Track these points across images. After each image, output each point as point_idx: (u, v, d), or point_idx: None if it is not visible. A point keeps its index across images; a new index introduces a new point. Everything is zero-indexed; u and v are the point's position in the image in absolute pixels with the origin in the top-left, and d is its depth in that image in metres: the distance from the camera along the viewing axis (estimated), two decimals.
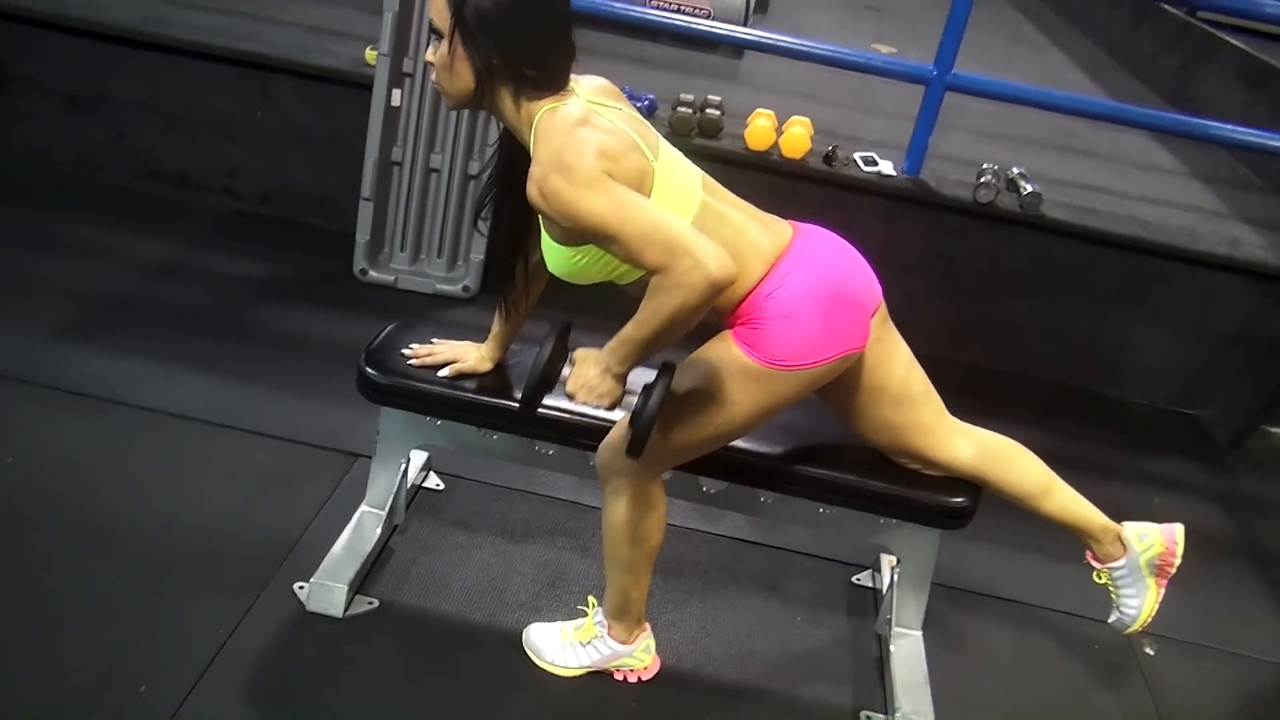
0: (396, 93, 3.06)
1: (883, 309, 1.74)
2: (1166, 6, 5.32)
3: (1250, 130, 3.28)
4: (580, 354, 1.59)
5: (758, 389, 1.62)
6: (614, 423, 1.80)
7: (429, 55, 1.56)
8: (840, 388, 1.74)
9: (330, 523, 2.17)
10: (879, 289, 1.72)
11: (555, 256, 1.61)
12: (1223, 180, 3.91)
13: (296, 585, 2.02)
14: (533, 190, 1.47)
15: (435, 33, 1.53)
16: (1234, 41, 4.62)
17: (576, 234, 1.51)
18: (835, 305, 1.61)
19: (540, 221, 1.61)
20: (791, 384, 1.62)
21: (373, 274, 3.17)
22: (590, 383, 1.56)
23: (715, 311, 1.66)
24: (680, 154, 1.64)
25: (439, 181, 3.16)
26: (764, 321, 1.59)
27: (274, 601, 1.99)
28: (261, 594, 2.00)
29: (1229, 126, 3.32)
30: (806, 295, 1.59)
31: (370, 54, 3.23)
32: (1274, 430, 3.33)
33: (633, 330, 1.51)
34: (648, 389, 1.57)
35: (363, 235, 3.14)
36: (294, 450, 2.41)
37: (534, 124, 1.54)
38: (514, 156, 1.68)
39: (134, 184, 3.51)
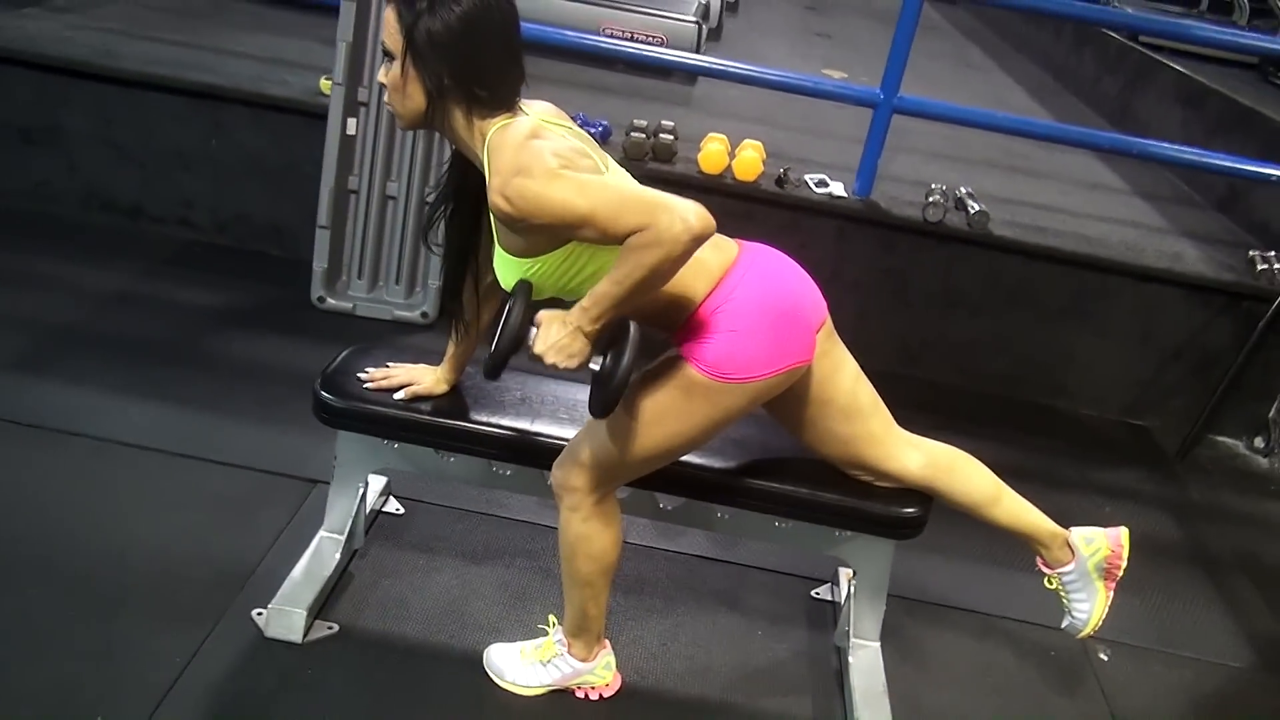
0: (352, 121, 3.08)
1: (828, 324, 1.77)
2: (1107, 31, 5.48)
3: (1188, 149, 3.39)
4: (545, 315, 1.55)
5: (706, 403, 1.65)
6: (568, 440, 1.81)
7: (381, 76, 1.59)
8: (789, 401, 1.77)
9: (288, 550, 2.16)
10: (824, 304, 1.76)
11: (509, 271, 1.64)
12: (1164, 197, 4.02)
13: (255, 612, 2.01)
14: (497, 200, 1.49)
15: (387, 54, 1.56)
16: (1171, 64, 4.77)
17: (546, 232, 1.53)
18: (780, 319, 1.64)
19: (495, 236, 1.63)
20: (740, 397, 1.65)
21: (330, 301, 3.17)
22: (560, 342, 1.52)
23: (664, 327, 1.69)
24: (627, 174, 1.68)
25: (396, 209, 3.17)
26: (711, 336, 1.62)
27: (232, 629, 1.98)
28: (219, 622, 1.99)
29: (1167, 145, 3.43)
30: (752, 310, 1.63)
31: (325, 83, 3.25)
32: (1221, 439, 3.42)
33: (609, 287, 1.49)
34: (616, 346, 1.55)
35: (320, 263, 3.14)
36: (251, 478, 2.40)
37: (486, 141, 1.57)
38: (463, 176, 1.71)
39: (87, 215, 3.49)
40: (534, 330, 1.55)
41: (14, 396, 2.53)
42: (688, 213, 1.44)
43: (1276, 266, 3.25)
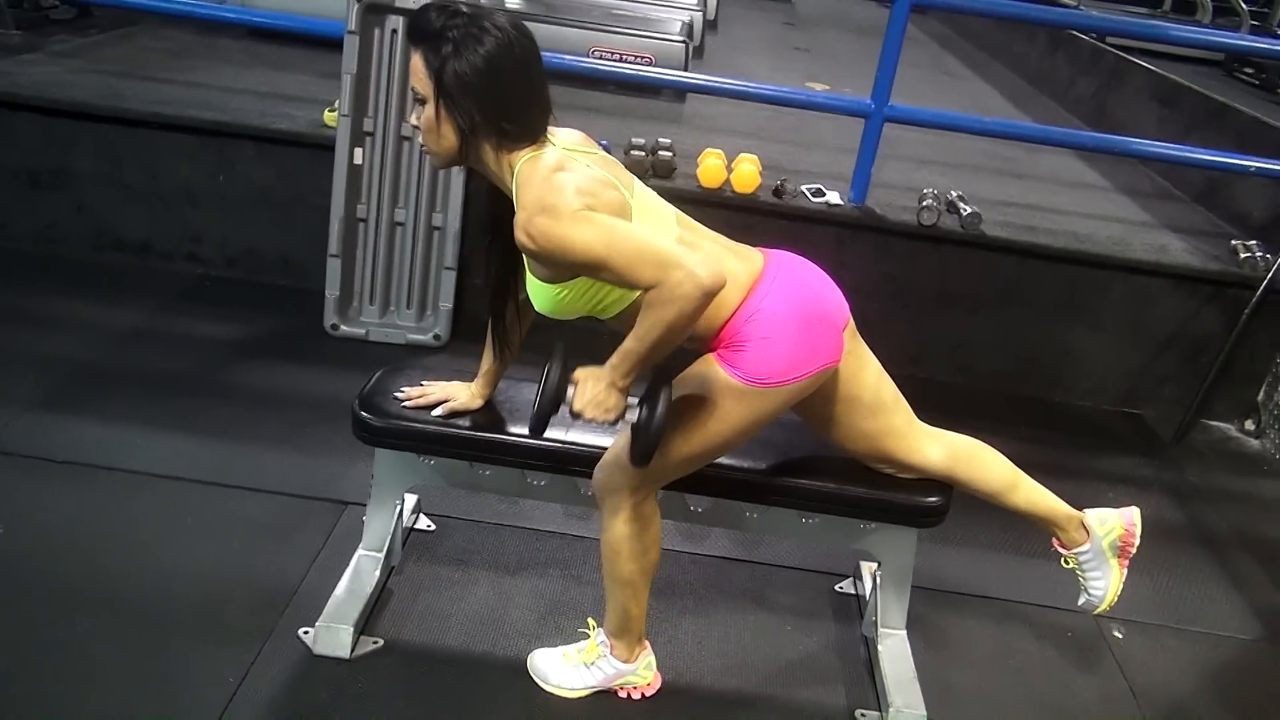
0: (358, 151, 3.16)
1: (851, 324, 1.86)
2: (1078, 35, 5.63)
3: (1169, 145, 3.50)
4: (582, 373, 1.65)
5: (743, 406, 1.72)
6: (602, 447, 1.88)
7: (414, 120, 1.67)
8: (818, 401, 1.85)
9: (327, 570, 2.22)
10: (847, 305, 1.84)
11: (540, 295, 1.71)
12: (1145, 193, 4.15)
13: (301, 630, 2.06)
14: (520, 235, 1.57)
15: (419, 99, 1.64)
16: (1143, 64, 4.91)
17: (568, 268, 1.60)
18: (811, 324, 1.72)
19: (525, 262, 1.71)
20: (775, 400, 1.73)
21: (344, 328, 3.23)
22: (597, 398, 1.62)
23: (695, 338, 1.76)
24: (654, 193, 1.76)
25: (404, 235, 3.24)
26: (746, 344, 1.70)
27: (280, 648, 2.03)
28: (267, 642, 2.04)
29: (1150, 143, 3.56)
30: (784, 317, 1.71)
31: (329, 116, 3.33)
32: (1213, 424, 3.53)
33: (632, 344, 1.59)
34: (650, 399, 1.65)
35: (332, 291, 3.20)
36: (284, 502, 2.46)
37: (515, 173, 1.64)
38: (497, 206, 1.78)
39: (97, 255, 3.54)
40: (572, 389, 1.65)
41: (45, 434, 2.58)
42: (699, 268, 1.52)
43: (1259, 255, 3.37)
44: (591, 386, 1.63)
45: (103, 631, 2.01)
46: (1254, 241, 3.45)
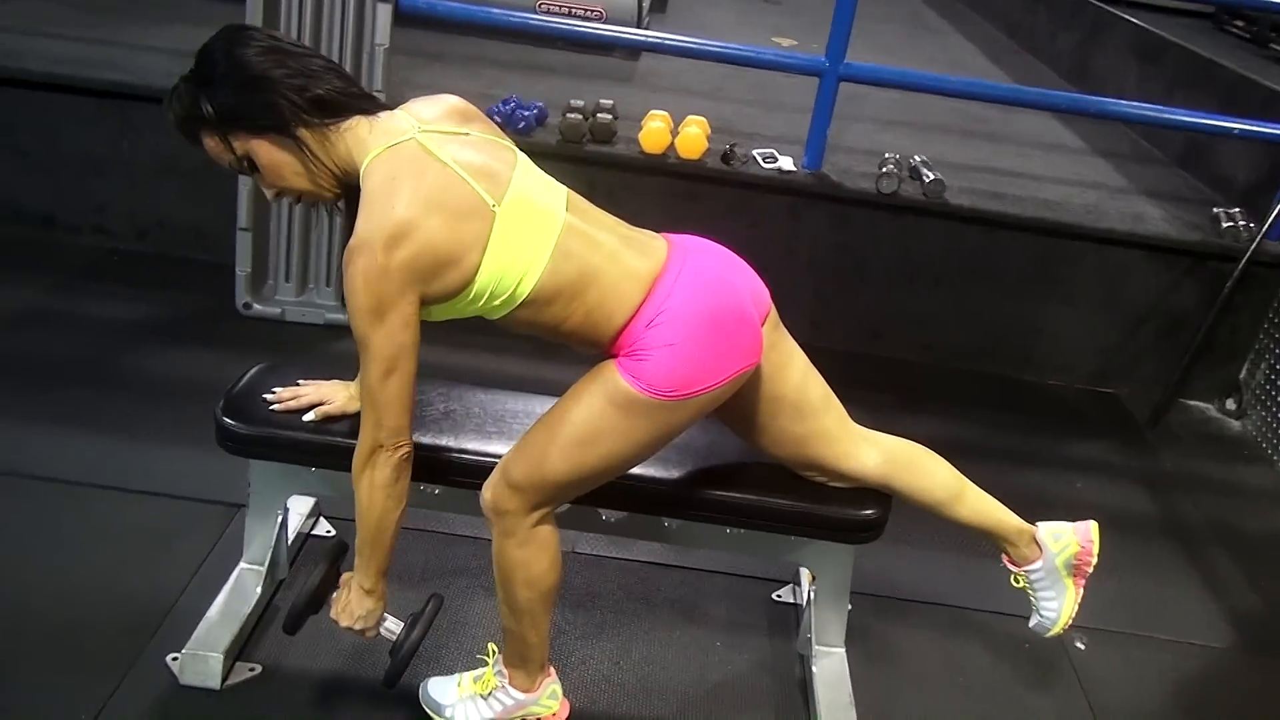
0: None
1: (773, 314, 1.63)
2: None
3: (1146, 106, 3.27)
4: (345, 577, 1.61)
5: (647, 420, 1.50)
6: (498, 459, 1.66)
7: (267, 191, 1.52)
8: (738, 403, 1.62)
9: (209, 584, 2.01)
10: (766, 294, 1.62)
11: None
12: (1124, 155, 3.91)
13: (169, 657, 1.85)
14: (346, 253, 1.39)
15: (242, 164, 1.49)
16: (1127, 16, 4.64)
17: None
18: (723, 323, 1.49)
19: None
20: (684, 412, 1.51)
21: (257, 308, 2.99)
22: (350, 606, 1.58)
23: (592, 344, 1.54)
24: (542, 175, 1.55)
25: (322, 207, 2.99)
26: (647, 351, 1.47)
27: (145, 677, 1.82)
28: (130, 670, 1.83)
29: (1124, 103, 3.32)
30: (690, 319, 1.48)
31: None
32: (1192, 404, 3.33)
33: (359, 537, 1.53)
34: (414, 619, 1.64)
35: (243, 267, 2.96)
36: (169, 506, 2.24)
37: (363, 171, 1.44)
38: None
39: None
40: (335, 593, 1.61)
41: None
42: (384, 463, 1.47)
43: (1241, 224, 3.14)
44: (344, 594, 1.60)
45: None
46: (1237, 210, 3.22)
